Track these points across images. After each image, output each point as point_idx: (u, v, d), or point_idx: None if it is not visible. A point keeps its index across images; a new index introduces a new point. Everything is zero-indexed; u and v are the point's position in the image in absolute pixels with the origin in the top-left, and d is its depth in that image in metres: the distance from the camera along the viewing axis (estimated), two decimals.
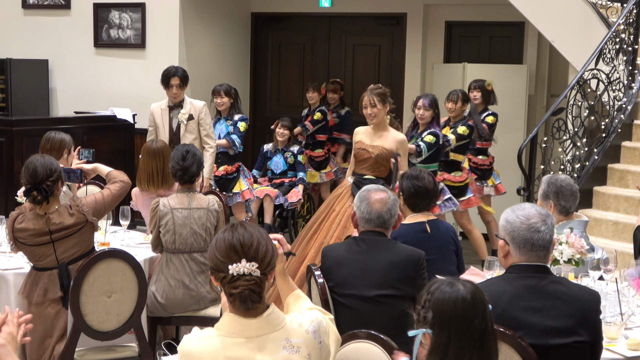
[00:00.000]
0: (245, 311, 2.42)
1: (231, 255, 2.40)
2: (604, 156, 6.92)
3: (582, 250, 4.18)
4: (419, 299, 2.47)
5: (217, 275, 2.43)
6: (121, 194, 4.55)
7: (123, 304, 4.29)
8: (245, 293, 2.38)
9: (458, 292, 2.38)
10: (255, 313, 2.43)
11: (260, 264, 2.40)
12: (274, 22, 10.09)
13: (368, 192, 3.87)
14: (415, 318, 2.45)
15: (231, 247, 2.41)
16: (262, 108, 10.19)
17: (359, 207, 3.85)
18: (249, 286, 2.38)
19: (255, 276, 2.39)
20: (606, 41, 6.84)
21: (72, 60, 9.08)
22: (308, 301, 2.83)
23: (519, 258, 3.01)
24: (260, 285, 2.41)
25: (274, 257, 2.46)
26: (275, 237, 2.79)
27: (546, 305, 2.92)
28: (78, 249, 4.29)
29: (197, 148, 5.00)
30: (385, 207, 3.80)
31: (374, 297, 3.65)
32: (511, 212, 3.05)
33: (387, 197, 3.84)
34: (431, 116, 6.63)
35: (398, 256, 3.72)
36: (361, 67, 9.77)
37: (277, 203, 7.88)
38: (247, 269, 2.38)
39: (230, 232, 2.45)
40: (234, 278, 2.39)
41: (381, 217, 3.80)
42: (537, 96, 9.10)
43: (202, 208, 4.74)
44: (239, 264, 2.38)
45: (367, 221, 3.82)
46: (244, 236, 2.42)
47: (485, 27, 9.36)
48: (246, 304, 2.39)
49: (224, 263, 2.40)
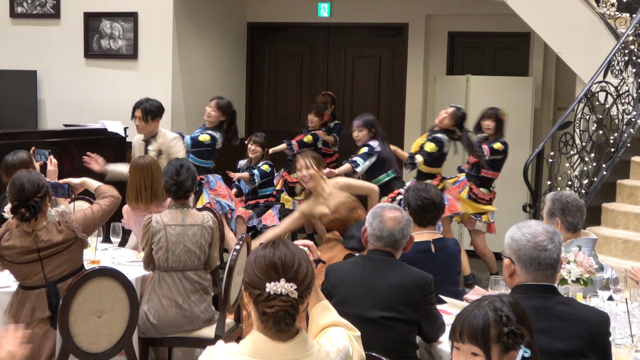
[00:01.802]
0: (276, 333, 2.40)
1: (270, 273, 2.38)
2: (612, 172, 6.93)
3: (590, 269, 4.18)
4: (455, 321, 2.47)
5: (252, 292, 2.41)
6: (111, 209, 4.56)
7: (114, 324, 4.28)
8: (280, 314, 2.36)
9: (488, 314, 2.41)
10: (286, 337, 2.41)
11: (299, 285, 2.39)
12: (271, 32, 10.13)
13: (382, 209, 3.87)
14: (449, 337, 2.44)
15: (272, 265, 2.39)
16: (258, 122, 10.21)
17: (371, 223, 3.83)
18: (285, 307, 2.37)
19: (292, 298, 2.37)
20: (615, 53, 6.87)
21: (62, 72, 9.10)
22: (335, 314, 2.82)
23: (525, 277, 3.01)
24: (296, 308, 2.39)
25: (312, 280, 2.46)
26: (305, 243, 2.81)
27: (554, 327, 2.92)
28: (67, 267, 4.29)
29: (191, 162, 5.00)
30: (398, 226, 3.79)
31: (376, 319, 3.64)
32: (517, 230, 3.05)
33: (401, 216, 3.83)
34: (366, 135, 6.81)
35: (403, 278, 3.71)
36: (361, 79, 9.80)
37: (250, 225, 7.60)
38: (285, 289, 2.37)
39: (272, 250, 2.43)
40: (269, 297, 2.37)
41: (393, 236, 3.78)
42: (544, 109, 9.13)
43: (196, 225, 4.74)
44: (277, 283, 2.37)
45: (378, 239, 3.80)
46: (286, 255, 2.41)
47: (490, 38, 9.40)
48: (279, 326, 2.37)
49: (261, 280, 2.38)
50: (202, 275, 4.76)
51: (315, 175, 5.81)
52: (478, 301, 2.47)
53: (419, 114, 9.44)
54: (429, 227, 4.52)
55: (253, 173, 7.68)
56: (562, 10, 7.32)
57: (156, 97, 8.56)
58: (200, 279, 4.75)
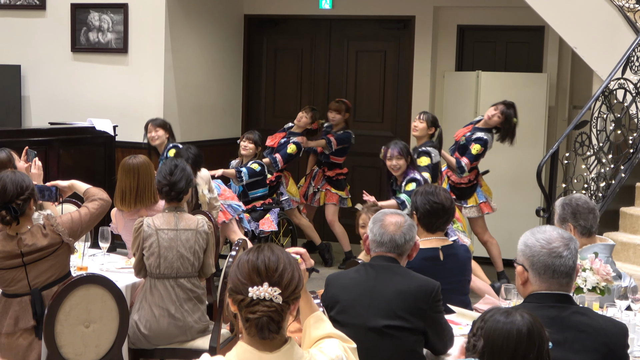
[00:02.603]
0: (261, 341, 2.42)
1: (253, 277, 2.41)
2: (632, 174, 6.94)
3: (607, 277, 4.19)
4: (472, 326, 2.49)
5: (235, 298, 2.43)
6: (100, 212, 4.57)
7: (102, 335, 4.29)
8: (263, 320, 2.38)
9: (514, 324, 2.42)
10: (272, 346, 2.43)
11: (283, 290, 2.40)
12: (269, 25, 10.14)
13: (383, 214, 3.89)
14: (465, 346, 2.47)
15: (254, 269, 2.42)
16: (256, 119, 10.22)
17: (371, 229, 3.85)
18: (269, 313, 2.38)
19: (276, 303, 2.39)
20: (634, 47, 6.88)
21: (47, 66, 9.11)
22: (329, 325, 2.83)
23: (538, 286, 3.01)
24: (281, 314, 2.40)
25: (299, 285, 2.46)
26: (297, 250, 2.82)
27: (569, 338, 2.93)
28: (52, 273, 4.29)
29: (184, 161, 5.01)
30: (399, 231, 3.80)
31: (380, 328, 3.65)
32: (531, 236, 3.05)
33: (403, 221, 3.84)
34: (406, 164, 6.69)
35: (409, 285, 3.71)
36: (365, 75, 9.81)
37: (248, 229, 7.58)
38: (268, 293, 2.38)
39: (256, 254, 2.46)
40: (252, 302, 2.39)
41: (394, 241, 3.79)
42: (558, 108, 9.13)
43: (190, 229, 4.75)
44: (260, 287, 2.39)
45: (379, 244, 3.82)
46: (270, 259, 2.43)
47: (502, 32, 9.41)
48: (262, 333, 2.39)
49: (244, 285, 2.41)
50: (196, 282, 4.76)
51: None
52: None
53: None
54: (438, 233, 4.52)
55: (240, 170, 7.59)
56: (578, 3, 7.33)
57: (147, 94, 8.67)
58: (193, 286, 4.76)
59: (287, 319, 2.44)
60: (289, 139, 8.26)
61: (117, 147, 8.48)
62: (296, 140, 8.24)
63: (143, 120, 8.60)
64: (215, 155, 7.73)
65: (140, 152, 6.02)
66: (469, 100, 8.92)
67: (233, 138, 8.96)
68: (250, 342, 2.43)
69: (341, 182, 8.66)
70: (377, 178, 9.78)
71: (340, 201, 8.63)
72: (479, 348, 2.42)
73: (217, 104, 9.64)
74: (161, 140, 7.39)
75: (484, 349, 2.42)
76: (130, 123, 8.62)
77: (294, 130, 8.34)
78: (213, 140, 9.39)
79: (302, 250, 2.87)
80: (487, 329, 2.44)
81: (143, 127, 7.62)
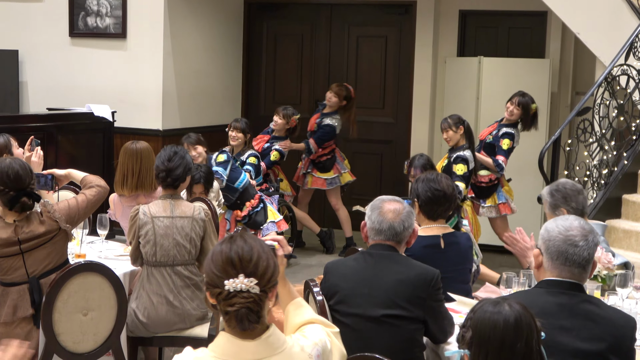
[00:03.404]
0: (241, 332, 2.42)
1: (228, 269, 2.40)
2: (634, 161, 6.95)
3: (609, 265, 4.20)
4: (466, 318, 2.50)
5: (213, 291, 2.43)
6: (98, 199, 4.56)
7: (100, 323, 4.30)
8: (241, 312, 2.38)
9: (500, 314, 2.43)
10: (253, 334, 2.44)
11: (259, 279, 2.40)
12: (269, 10, 10.12)
13: (382, 201, 3.88)
14: (456, 338, 2.49)
15: (228, 261, 2.41)
16: (256, 106, 10.21)
17: (369, 216, 3.85)
18: (247, 304, 2.38)
19: (253, 293, 2.39)
20: (637, 33, 6.87)
21: (45, 51, 9.09)
22: (310, 311, 2.84)
23: (550, 272, 3.05)
24: (259, 304, 2.41)
25: (275, 273, 2.46)
26: (275, 238, 2.81)
27: (576, 325, 2.95)
28: (50, 261, 4.30)
29: (188, 152, 5.02)
30: (398, 218, 3.80)
31: (379, 317, 3.66)
32: (552, 221, 3.10)
33: (401, 207, 3.84)
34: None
35: (408, 273, 3.72)
36: (365, 60, 9.80)
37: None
38: (245, 284, 2.38)
39: (228, 245, 2.44)
40: (230, 294, 2.39)
41: (393, 228, 3.79)
42: (561, 94, 9.13)
43: (186, 217, 4.74)
44: (235, 280, 2.39)
45: (378, 232, 3.82)
46: (243, 249, 2.43)
47: (504, 17, 9.39)
48: (242, 324, 2.39)
49: (220, 278, 2.40)
50: (194, 270, 4.76)
51: None
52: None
53: (427, 98, 9.44)
54: (440, 221, 4.52)
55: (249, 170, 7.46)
56: None
57: (146, 79, 8.66)
58: (191, 274, 4.76)
59: (266, 307, 2.45)
60: (272, 145, 8.19)
61: (115, 133, 8.47)
62: (278, 147, 8.15)
63: (142, 106, 8.62)
64: (215, 141, 7.70)
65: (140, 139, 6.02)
66: (471, 86, 8.91)
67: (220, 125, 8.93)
68: (232, 333, 2.44)
69: (325, 164, 8.52)
70: (378, 165, 9.78)
71: (328, 183, 8.55)
72: (467, 339, 2.44)
73: (216, 90, 9.63)
74: (202, 157, 7.13)
75: (472, 339, 2.43)
76: (128, 109, 8.62)
77: (276, 134, 8.26)
78: (212, 126, 9.37)
79: (279, 237, 2.86)
80: (474, 319, 2.45)
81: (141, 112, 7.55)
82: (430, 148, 9.44)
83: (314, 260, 8.37)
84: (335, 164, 8.55)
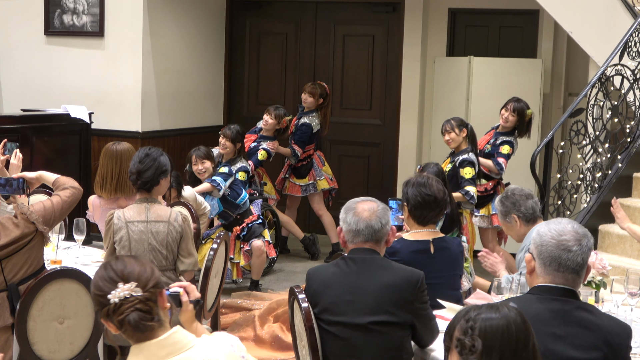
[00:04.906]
0: (142, 335, 2.57)
1: (107, 285, 2.59)
2: (629, 164, 6.97)
3: (603, 271, 4.22)
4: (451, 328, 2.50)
5: (104, 313, 2.59)
6: (72, 201, 4.54)
7: (77, 331, 4.29)
8: (132, 315, 2.55)
9: (508, 316, 2.46)
10: (153, 334, 2.59)
11: (139, 282, 2.59)
12: (253, 7, 10.12)
13: (354, 202, 3.90)
14: (458, 350, 2.47)
15: (106, 279, 2.60)
16: (239, 107, 10.21)
17: (344, 219, 3.86)
18: (135, 307, 2.56)
19: (138, 296, 2.57)
20: (632, 33, 6.90)
21: (19, 50, 9.06)
22: None
23: (543, 278, 3.05)
24: (147, 304, 2.58)
25: (154, 273, 2.65)
26: (180, 284, 2.93)
27: (570, 332, 2.96)
28: (28, 266, 4.27)
29: (164, 153, 4.98)
30: (374, 216, 3.81)
31: (366, 325, 3.66)
32: (545, 225, 3.11)
33: (376, 206, 3.86)
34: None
35: (393, 277, 3.73)
36: (352, 60, 9.81)
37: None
38: (126, 290, 2.57)
39: (103, 267, 2.66)
40: (117, 306, 2.57)
41: (370, 227, 3.80)
42: (553, 95, 9.16)
43: (162, 221, 4.71)
44: (116, 289, 2.57)
45: (356, 234, 3.82)
46: (116, 265, 2.64)
47: (495, 15, 9.42)
48: (137, 327, 2.56)
49: (103, 296, 2.58)
50: (172, 276, 4.74)
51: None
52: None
53: (415, 99, 9.46)
54: (430, 226, 4.52)
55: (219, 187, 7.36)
56: None
57: (125, 79, 8.63)
58: (169, 279, 4.74)
59: (158, 307, 2.61)
60: (259, 144, 8.17)
61: (93, 135, 8.45)
62: (266, 146, 8.13)
63: (120, 107, 8.59)
64: (196, 144, 7.66)
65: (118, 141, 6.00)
66: (461, 86, 8.93)
67: (214, 126, 8.96)
68: (135, 341, 2.60)
69: (300, 170, 8.52)
70: (365, 168, 9.79)
71: (303, 190, 8.55)
72: (479, 348, 2.43)
73: (197, 90, 9.62)
74: (209, 172, 7.18)
75: (486, 348, 2.42)
76: (106, 110, 8.60)
77: (264, 133, 8.26)
78: (194, 128, 9.37)
79: (185, 283, 2.97)
80: (481, 328, 2.44)
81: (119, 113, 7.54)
82: (418, 150, 9.45)
83: (299, 266, 8.36)
84: (312, 170, 8.55)
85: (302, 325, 3.77)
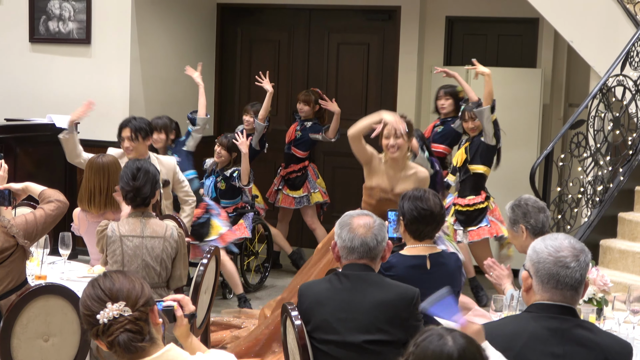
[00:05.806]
0: (133, 356, 2.57)
1: (95, 305, 2.58)
2: (631, 177, 6.99)
3: (604, 288, 4.24)
4: (406, 348, 2.50)
5: (94, 333, 2.60)
6: (57, 214, 4.55)
7: (62, 350, 4.28)
8: (122, 336, 2.54)
9: (444, 347, 2.42)
10: (144, 354, 2.58)
11: (127, 301, 2.59)
12: (244, 14, 10.14)
13: (350, 217, 3.90)
14: None
15: (94, 297, 2.60)
16: (230, 116, 10.21)
17: (339, 235, 3.87)
18: (124, 327, 2.55)
19: (127, 316, 2.56)
20: (634, 42, 6.93)
21: (3, 58, 9.06)
22: None
23: (541, 295, 3.05)
24: (137, 324, 2.57)
25: (144, 292, 2.65)
26: (174, 297, 2.94)
27: (568, 352, 2.96)
28: (10, 280, 4.29)
29: (152, 164, 5.00)
30: (370, 233, 3.82)
31: (359, 344, 3.66)
32: (541, 241, 3.10)
33: (372, 221, 3.87)
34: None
35: (387, 294, 3.73)
36: (347, 69, 9.83)
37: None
38: (115, 310, 2.57)
39: (91, 285, 2.66)
40: (106, 326, 2.57)
41: (366, 244, 3.81)
42: (553, 106, 9.19)
43: (157, 237, 4.73)
44: (105, 309, 2.57)
45: (350, 251, 3.83)
46: (105, 283, 2.63)
47: (493, 23, 9.45)
48: (128, 348, 2.55)
49: (92, 316, 2.58)
50: (163, 294, 4.75)
51: (403, 145, 5.79)
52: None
53: (412, 108, 9.47)
54: (426, 241, 4.52)
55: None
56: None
57: (112, 88, 8.64)
58: (160, 297, 4.75)
59: (150, 326, 2.61)
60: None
61: None
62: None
63: (107, 116, 8.59)
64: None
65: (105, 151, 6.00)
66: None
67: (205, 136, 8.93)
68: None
69: (294, 182, 8.57)
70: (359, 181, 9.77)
71: (297, 202, 8.58)
72: None
73: (187, 99, 9.60)
74: (162, 144, 7.21)
75: None
76: (93, 119, 8.56)
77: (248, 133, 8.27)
78: None
79: (179, 296, 2.98)
80: (417, 353, 2.45)
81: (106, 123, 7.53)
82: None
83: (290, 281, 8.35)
84: (306, 182, 8.58)
85: (295, 343, 3.77)
